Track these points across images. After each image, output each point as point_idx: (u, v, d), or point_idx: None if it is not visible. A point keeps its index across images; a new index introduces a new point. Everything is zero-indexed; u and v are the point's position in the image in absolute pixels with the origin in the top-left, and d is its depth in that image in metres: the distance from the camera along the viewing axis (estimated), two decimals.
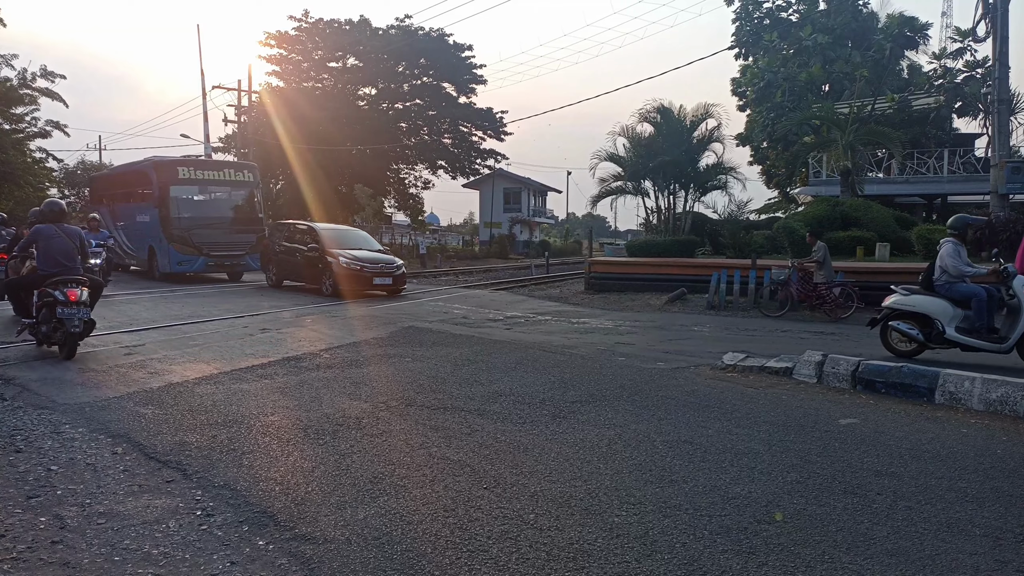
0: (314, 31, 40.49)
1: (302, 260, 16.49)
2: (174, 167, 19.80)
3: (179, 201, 19.47)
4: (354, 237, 17.58)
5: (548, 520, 3.66)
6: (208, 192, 20.65)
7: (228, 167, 21.85)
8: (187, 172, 19.84)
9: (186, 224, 19.18)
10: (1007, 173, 17.14)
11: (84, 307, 7.83)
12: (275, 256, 17.64)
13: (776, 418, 5.69)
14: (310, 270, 16.20)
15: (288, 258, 17.16)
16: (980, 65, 29.50)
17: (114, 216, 22.60)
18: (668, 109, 24.44)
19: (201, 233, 19.20)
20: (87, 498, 3.92)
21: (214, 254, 19.26)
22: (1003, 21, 16.86)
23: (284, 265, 17.36)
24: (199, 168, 20.57)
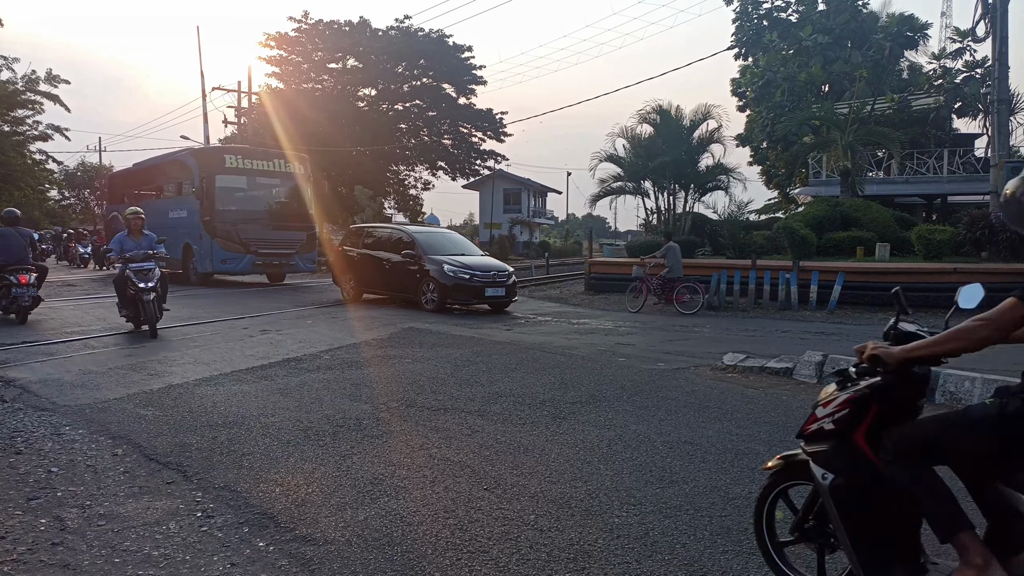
0: (314, 32, 40.48)
1: (391, 269, 13.94)
2: (220, 155, 18.11)
3: (225, 192, 17.44)
4: (451, 240, 15.21)
5: (549, 521, 3.66)
6: (256, 183, 18.57)
7: (278, 156, 19.47)
8: (234, 160, 17.87)
9: (232, 218, 17.22)
10: (1007, 173, 17.08)
11: (32, 287, 10.63)
12: (352, 265, 14.98)
13: (777, 418, 5.69)
14: (405, 280, 13.64)
15: (371, 267, 14.55)
16: (980, 65, 29.47)
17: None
18: (667, 110, 24.46)
19: (248, 228, 17.23)
20: (87, 500, 3.92)
21: (262, 252, 17.25)
22: (1002, 21, 16.86)
23: (365, 275, 14.73)
24: (247, 156, 18.50)
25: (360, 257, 14.82)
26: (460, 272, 13.00)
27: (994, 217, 16.77)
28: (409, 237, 14.23)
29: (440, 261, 13.20)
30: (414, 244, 13.81)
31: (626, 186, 25.10)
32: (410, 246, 13.79)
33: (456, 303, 13.12)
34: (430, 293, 13.07)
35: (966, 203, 27.39)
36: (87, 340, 9.40)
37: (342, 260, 15.38)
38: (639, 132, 24.83)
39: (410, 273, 13.48)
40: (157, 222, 19.98)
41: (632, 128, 24.80)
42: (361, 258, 14.79)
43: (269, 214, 18.18)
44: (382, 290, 14.60)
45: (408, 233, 14.61)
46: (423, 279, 13.22)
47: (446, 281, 12.87)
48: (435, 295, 12.95)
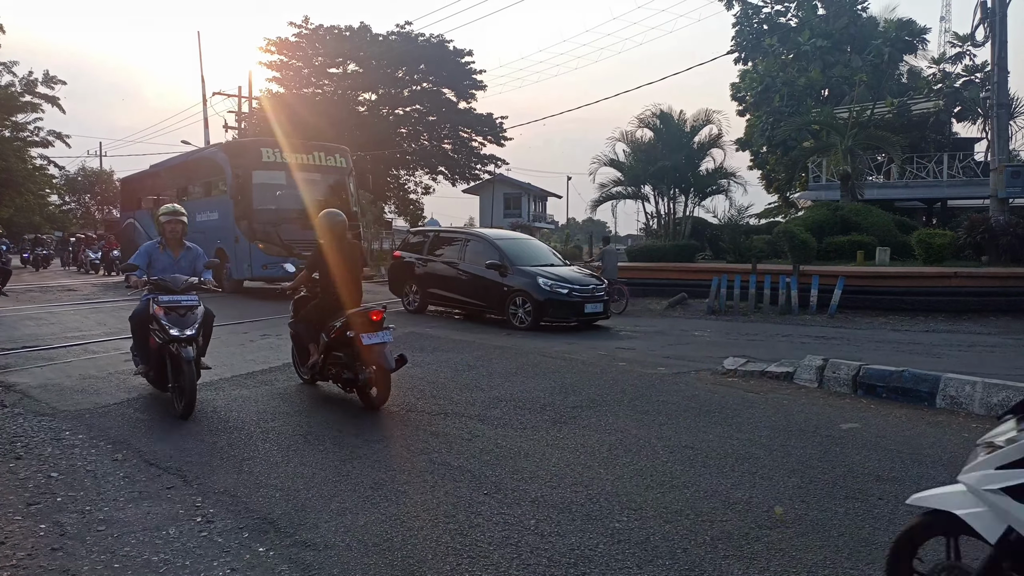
0: (314, 37, 40.56)
1: (470, 280, 12.55)
2: (256, 148, 16.46)
3: (263, 190, 15.84)
4: (532, 247, 13.63)
5: (549, 526, 3.65)
6: (295, 179, 16.89)
7: (318, 149, 17.81)
8: (271, 154, 16.27)
9: (271, 218, 15.60)
10: (1007, 177, 17.12)
11: None
12: (415, 273, 13.52)
13: (777, 423, 5.69)
14: (487, 294, 12.28)
15: (441, 277, 13.11)
16: (979, 70, 29.55)
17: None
18: (668, 115, 24.47)
19: (289, 229, 15.52)
20: (87, 505, 3.92)
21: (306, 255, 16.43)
22: (1001, 26, 16.89)
23: (432, 285, 13.28)
24: (285, 149, 16.93)
25: (426, 265, 13.42)
26: (557, 286, 11.59)
27: (994, 221, 16.78)
28: (492, 245, 12.69)
29: (533, 273, 11.79)
30: (500, 253, 12.33)
31: (626, 190, 25.09)
32: (494, 255, 12.33)
33: (553, 321, 11.73)
34: (521, 310, 11.68)
35: (966, 207, 27.40)
36: (87, 345, 9.40)
37: (401, 267, 14.08)
38: (639, 137, 24.83)
39: (494, 286, 12.08)
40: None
41: (632, 133, 24.80)
42: (427, 266, 13.40)
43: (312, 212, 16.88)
44: (455, 303, 13.21)
45: (489, 240, 13.02)
46: (511, 294, 11.84)
47: (541, 296, 11.48)
48: (529, 312, 11.56)
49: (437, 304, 13.61)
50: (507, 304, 11.88)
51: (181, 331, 5.69)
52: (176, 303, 5.82)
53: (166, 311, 5.76)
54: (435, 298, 13.41)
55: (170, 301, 5.84)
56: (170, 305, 5.79)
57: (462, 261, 12.84)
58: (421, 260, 13.54)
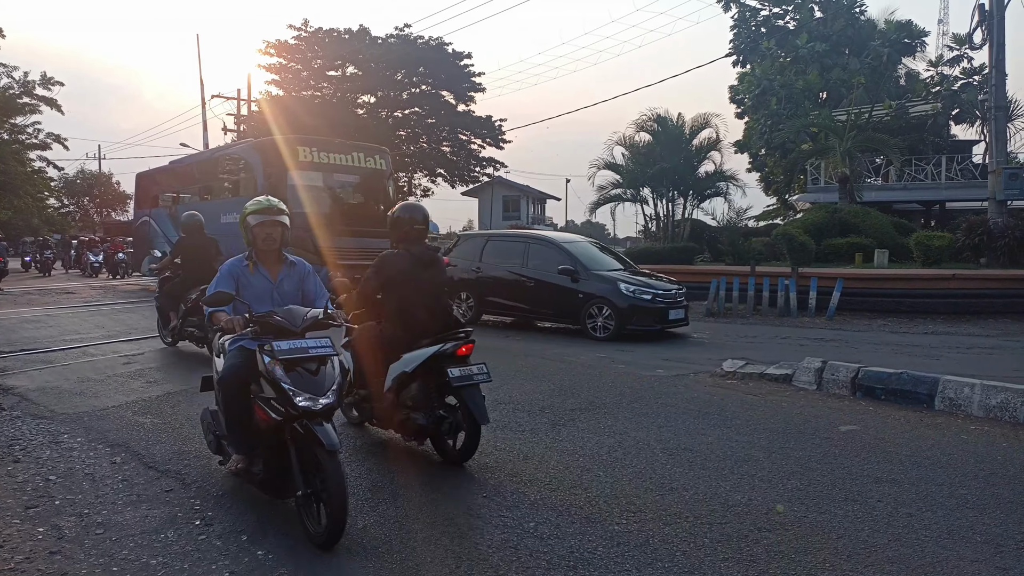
0: (313, 40, 40.60)
1: (537, 287, 11.72)
2: (291, 147, 15.22)
3: (298, 192, 14.66)
4: (599, 251, 12.94)
5: (548, 528, 3.65)
6: (332, 180, 15.86)
7: (358, 149, 16.59)
8: (308, 153, 15.13)
9: (306, 222, 14.36)
10: (1004, 179, 17.15)
11: None
12: (466, 280, 12.67)
13: (776, 425, 5.69)
14: (559, 301, 11.47)
15: (501, 284, 12.22)
16: (977, 72, 29.62)
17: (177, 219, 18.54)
18: (666, 118, 24.51)
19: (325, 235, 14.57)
20: (85, 508, 3.91)
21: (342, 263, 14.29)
22: (999, 28, 16.93)
23: (489, 293, 12.38)
24: (323, 149, 15.59)
25: (480, 272, 12.51)
26: (640, 292, 10.86)
27: (992, 223, 16.81)
28: (560, 249, 11.91)
29: (612, 278, 11.12)
30: (571, 258, 11.55)
31: (625, 193, 25.13)
32: (565, 260, 11.52)
33: (638, 329, 10.89)
34: (601, 318, 10.88)
35: (964, 209, 27.45)
36: (86, 348, 9.39)
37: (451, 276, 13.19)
38: (638, 140, 24.88)
39: (566, 293, 11.28)
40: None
41: (631, 136, 24.85)
42: (482, 273, 12.50)
43: (348, 217, 15.32)
44: (519, 311, 12.32)
45: (556, 243, 12.23)
46: (588, 301, 11.03)
47: (624, 303, 10.73)
48: (610, 320, 10.78)
49: (496, 313, 12.82)
50: (583, 312, 11.08)
51: (315, 399, 3.50)
52: (302, 353, 3.62)
53: (286, 366, 3.55)
54: (494, 307, 12.55)
55: (292, 350, 3.61)
56: (294, 357, 3.59)
57: (525, 267, 11.95)
58: (474, 266, 12.62)
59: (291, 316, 3.84)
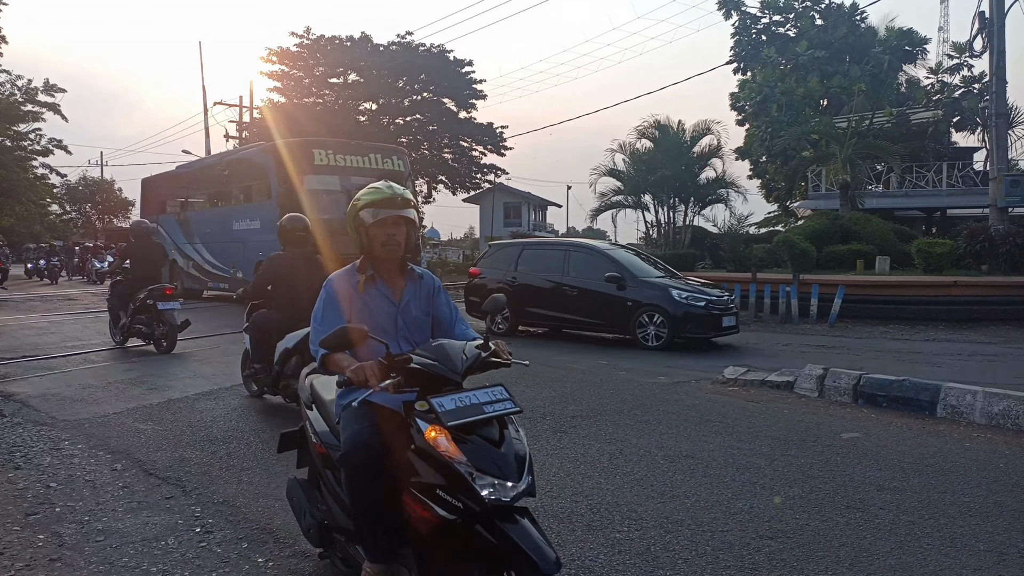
0: (315, 47, 40.76)
1: (579, 295, 11.24)
2: (307, 150, 14.54)
3: (315, 197, 13.98)
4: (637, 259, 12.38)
5: (549, 536, 3.62)
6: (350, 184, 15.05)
7: (375, 150, 15.88)
8: (325, 156, 14.41)
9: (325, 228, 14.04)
10: (1005, 186, 17.16)
11: None
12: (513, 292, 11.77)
13: (778, 432, 5.67)
14: (604, 309, 11.02)
15: (543, 294, 11.62)
16: (977, 80, 29.68)
17: (186, 226, 18.51)
18: (666, 125, 24.55)
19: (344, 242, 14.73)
20: (86, 515, 3.91)
21: None
22: (999, 36, 16.97)
23: (533, 304, 11.73)
24: (339, 151, 14.86)
25: (516, 281, 11.92)
26: (693, 299, 10.49)
27: (994, 230, 16.81)
28: (604, 256, 11.49)
29: (663, 285, 10.77)
30: (617, 265, 11.12)
31: (626, 200, 25.15)
32: (611, 267, 11.07)
33: (692, 337, 10.54)
34: (652, 326, 10.45)
35: (966, 216, 27.44)
36: (87, 354, 9.40)
37: (483, 285, 12.35)
38: (639, 147, 24.93)
39: (613, 301, 10.82)
40: (217, 233, 16.76)
41: (632, 143, 24.89)
42: (518, 282, 11.90)
43: None
44: (560, 322, 11.83)
45: (600, 251, 11.82)
46: (638, 309, 10.58)
47: (677, 311, 10.33)
48: (663, 328, 10.36)
49: (535, 324, 12.29)
50: (632, 321, 10.64)
51: (501, 488, 2.40)
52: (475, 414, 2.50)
53: (458, 437, 2.38)
54: (532, 317, 12.03)
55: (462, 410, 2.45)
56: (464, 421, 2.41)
57: (566, 275, 11.48)
58: (509, 276, 12.08)
59: (446, 356, 2.62)
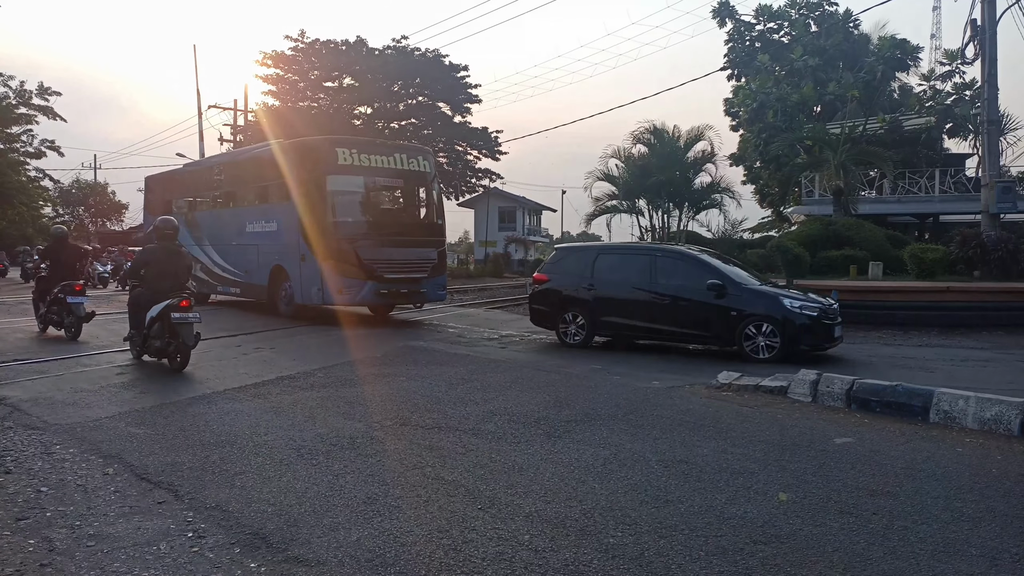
0: (310, 51, 40.79)
1: (671, 304, 10.49)
2: (331, 148, 13.59)
3: (339, 198, 13.34)
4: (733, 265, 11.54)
5: (543, 541, 3.63)
6: (375, 185, 14.45)
7: (400, 150, 15.02)
8: (349, 156, 13.47)
9: (350, 232, 13.12)
10: (997, 193, 17.28)
11: None
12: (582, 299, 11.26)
13: (771, 437, 5.68)
14: (703, 319, 10.28)
15: (627, 302, 10.86)
16: (969, 87, 29.90)
17: (195, 227, 17.52)
18: (661, 130, 24.67)
19: (368, 246, 13.05)
20: (77, 520, 3.88)
21: (389, 277, 13.11)
22: (991, 43, 17.10)
23: (615, 314, 10.99)
24: (363, 151, 13.89)
25: (594, 288, 11.15)
26: (806, 308, 9.81)
27: (986, 236, 16.90)
28: (699, 262, 10.76)
29: (772, 294, 10.19)
30: (716, 272, 10.38)
31: (621, 205, 25.26)
32: (710, 274, 10.29)
33: (809, 349, 9.90)
34: (763, 337, 9.73)
35: (958, 222, 27.62)
36: (80, 358, 9.35)
37: (551, 292, 11.69)
38: (634, 152, 25.04)
39: (716, 311, 10.08)
40: (231, 235, 16.02)
41: (627, 148, 25.00)
42: (596, 290, 11.14)
43: (393, 226, 14.03)
44: (650, 333, 10.98)
45: (693, 256, 11.11)
46: (745, 319, 9.87)
47: (789, 321, 9.69)
48: (774, 339, 9.67)
49: (617, 335, 11.39)
50: (738, 332, 9.90)
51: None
52: None
53: None
54: (612, 328, 11.24)
55: None
56: None
57: (654, 283, 10.67)
58: (585, 283, 11.27)
59: None
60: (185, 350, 8.23)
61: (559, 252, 12.95)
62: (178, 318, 8.13)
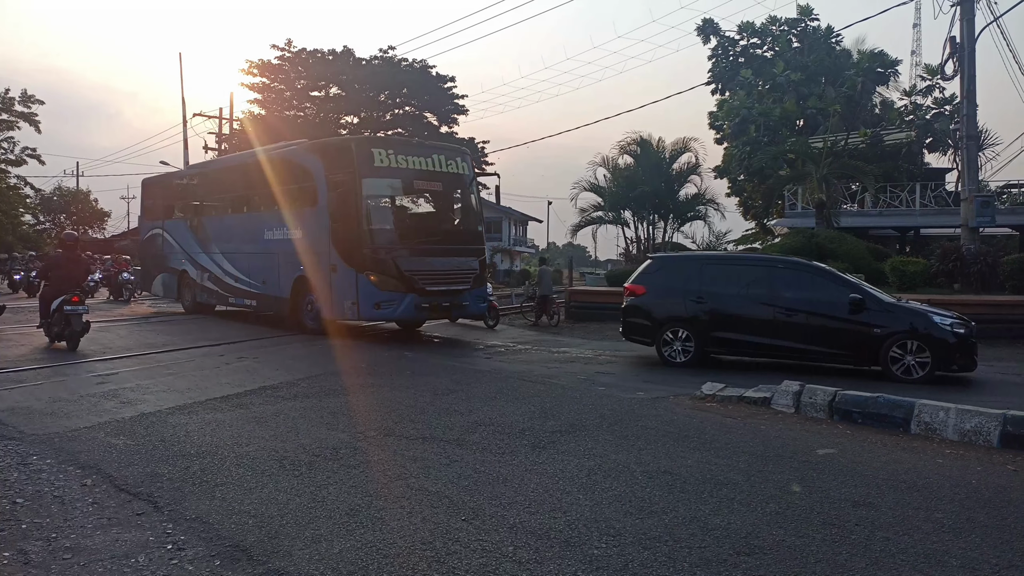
0: (297, 60, 40.77)
1: (804, 321, 9.75)
2: (367, 149, 12.42)
3: (377, 203, 12.64)
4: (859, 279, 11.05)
5: (527, 553, 3.61)
6: (413, 189, 13.39)
7: (438, 151, 13.73)
8: (385, 157, 12.31)
9: (388, 240, 12.24)
10: (976, 207, 17.55)
11: None
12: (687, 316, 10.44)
13: (755, 448, 5.70)
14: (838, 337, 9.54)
15: (746, 318, 10.14)
16: (949, 102, 30.39)
17: (202, 233, 16.48)
18: (647, 141, 24.87)
19: (406, 255, 12.14)
20: (53, 532, 3.82)
21: (429, 289, 12.13)
22: (970, 60, 17.41)
23: (731, 329, 10.26)
24: (400, 152, 12.70)
25: (703, 302, 10.35)
26: (956, 325, 9.21)
27: (966, 250, 17.14)
28: (828, 275, 10.13)
29: (922, 310, 9.57)
30: (852, 285, 9.78)
31: (606, 215, 25.39)
32: (848, 287, 9.67)
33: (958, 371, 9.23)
34: (912, 356, 9.07)
35: (938, 235, 27.98)
36: (59, 367, 9.22)
37: (646, 305, 10.87)
38: (620, 162, 25.21)
39: (855, 328, 9.38)
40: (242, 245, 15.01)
41: (613, 159, 25.18)
42: (706, 303, 10.34)
43: (433, 233, 13.10)
44: (773, 351, 10.17)
45: (821, 268, 10.46)
46: (889, 337, 9.18)
47: (943, 340, 9.03)
48: (925, 359, 9.02)
49: (733, 352, 10.69)
50: (883, 350, 9.18)
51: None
52: None
53: None
54: (726, 345, 10.45)
55: None
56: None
57: (777, 296, 9.94)
58: (693, 297, 10.43)
59: None
60: (74, 335, 10.55)
61: (655, 261, 11.74)
62: (69, 310, 10.43)
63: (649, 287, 10.97)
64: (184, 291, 17.24)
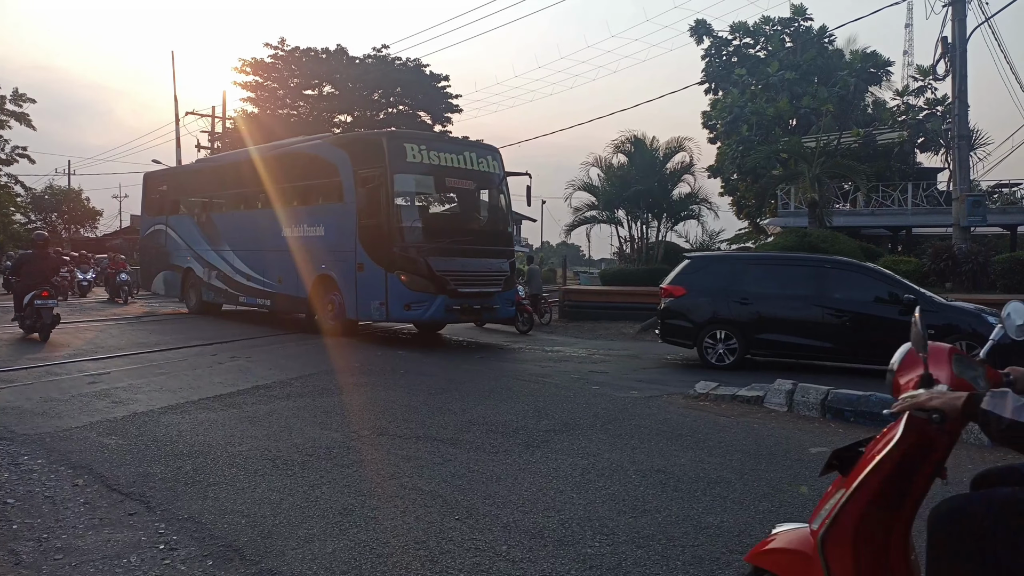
0: (290, 59, 40.62)
1: (852, 322, 9.56)
2: (398, 144, 11.94)
3: (409, 200, 12.25)
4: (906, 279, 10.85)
5: (521, 552, 3.62)
6: (446, 187, 12.95)
7: (470, 148, 13.11)
8: (417, 152, 11.93)
9: (419, 239, 11.84)
10: (968, 206, 17.66)
11: None
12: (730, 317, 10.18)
13: (748, 447, 5.72)
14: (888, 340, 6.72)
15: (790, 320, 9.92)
16: (940, 103, 30.54)
17: (211, 230, 15.92)
18: (641, 140, 24.89)
19: (439, 255, 11.75)
20: (45, 532, 3.79)
21: (462, 291, 11.75)
22: (962, 60, 17.51)
23: (776, 331, 10.03)
24: (432, 148, 12.32)
25: (750, 303, 10.08)
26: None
27: (957, 249, 17.23)
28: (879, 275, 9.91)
29: (973, 310, 9.25)
30: (902, 285, 9.58)
31: (600, 215, 25.42)
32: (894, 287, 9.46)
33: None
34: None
35: (930, 235, 28.10)
36: (50, 367, 9.17)
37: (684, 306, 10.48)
38: (613, 162, 25.22)
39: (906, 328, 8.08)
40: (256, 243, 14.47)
41: (607, 158, 25.20)
42: (752, 304, 10.07)
43: (465, 233, 12.67)
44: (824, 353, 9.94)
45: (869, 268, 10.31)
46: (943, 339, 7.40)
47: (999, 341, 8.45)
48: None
49: (779, 355, 10.44)
50: None
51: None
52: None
53: None
54: (770, 347, 10.26)
55: None
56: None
57: (826, 297, 9.75)
58: (737, 297, 10.16)
59: None
60: (44, 327, 11.23)
61: (696, 261, 11.33)
62: (40, 303, 11.10)
63: (689, 288, 10.56)
64: (188, 290, 16.73)
